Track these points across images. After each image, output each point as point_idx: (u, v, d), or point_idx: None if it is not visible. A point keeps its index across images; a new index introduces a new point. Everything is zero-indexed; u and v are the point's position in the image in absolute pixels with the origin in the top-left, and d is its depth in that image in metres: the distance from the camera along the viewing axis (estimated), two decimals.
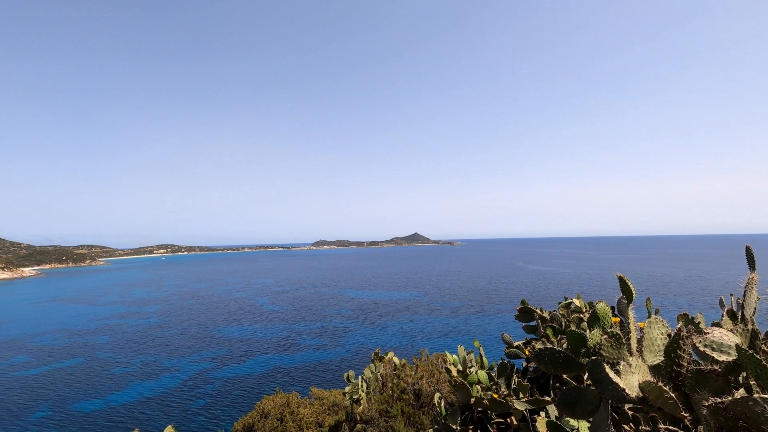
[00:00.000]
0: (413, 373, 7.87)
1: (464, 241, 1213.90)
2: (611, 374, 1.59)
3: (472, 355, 4.92)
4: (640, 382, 1.68)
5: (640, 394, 1.66)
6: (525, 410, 3.56)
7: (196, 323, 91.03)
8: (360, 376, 8.15)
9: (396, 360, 9.11)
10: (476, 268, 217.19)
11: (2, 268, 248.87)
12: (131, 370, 58.74)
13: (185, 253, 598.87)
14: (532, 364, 4.38)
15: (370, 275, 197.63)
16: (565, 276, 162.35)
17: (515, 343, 4.53)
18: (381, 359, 9.06)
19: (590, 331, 2.00)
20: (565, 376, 3.10)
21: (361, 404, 7.56)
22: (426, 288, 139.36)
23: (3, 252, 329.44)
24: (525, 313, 4.57)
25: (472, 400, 3.90)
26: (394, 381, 7.71)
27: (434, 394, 5.91)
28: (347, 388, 8.17)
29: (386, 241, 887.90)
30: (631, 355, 1.79)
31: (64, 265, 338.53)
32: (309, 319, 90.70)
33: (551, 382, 4.05)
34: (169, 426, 7.90)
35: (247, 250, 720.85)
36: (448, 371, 4.39)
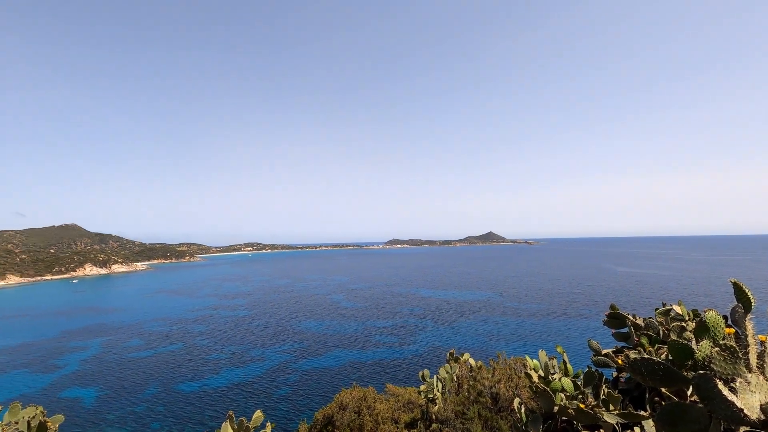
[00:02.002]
0: (490, 375, 7.66)
1: (543, 241, 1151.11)
2: (725, 392, 1.43)
3: (554, 361, 4.66)
4: (762, 402, 1.49)
5: (762, 417, 1.46)
6: (616, 424, 3.30)
7: (278, 317, 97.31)
8: (435, 376, 8.12)
9: (472, 361, 8.93)
10: (557, 269, 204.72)
11: (121, 263, 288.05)
12: (223, 357, 64.52)
13: (269, 250, 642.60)
14: (625, 375, 4.03)
15: (442, 274, 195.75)
16: (660, 280, 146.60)
17: (604, 351, 4.20)
18: (456, 360, 8.94)
19: (697, 342, 1.80)
20: (664, 390, 2.83)
21: (436, 404, 7.53)
22: (501, 289, 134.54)
23: (122, 249, 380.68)
24: (615, 319, 4.22)
25: (556, 408, 3.70)
26: (470, 383, 7.56)
27: (513, 399, 5.70)
28: (422, 387, 8.19)
29: (459, 240, 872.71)
30: (749, 372, 1.57)
31: (168, 261, 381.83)
32: (382, 317, 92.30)
33: (647, 395, 3.70)
34: (258, 411, 8.55)
35: (324, 248, 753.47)
36: (529, 376, 4.21)
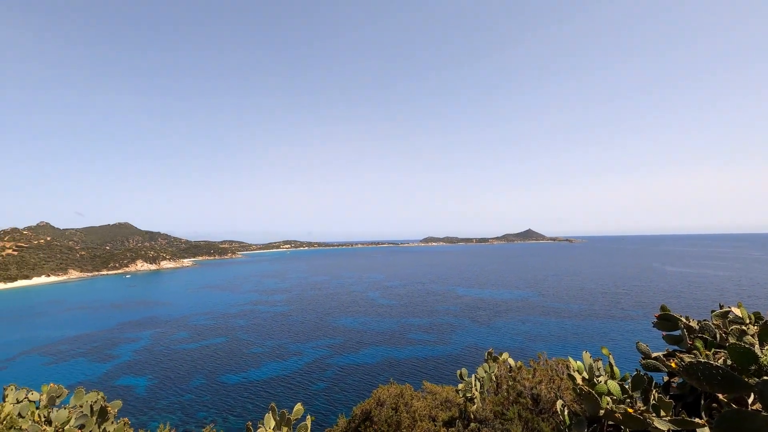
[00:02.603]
0: (530, 376, 7.47)
1: (586, 238, 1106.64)
2: None
3: (599, 363, 4.49)
4: None
5: None
6: (668, 431, 3.15)
7: (316, 313, 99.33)
8: (473, 375, 8.03)
9: (511, 361, 8.75)
10: (600, 268, 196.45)
11: (169, 259, 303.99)
12: (263, 351, 66.67)
13: (306, 248, 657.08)
14: (677, 380, 3.83)
15: (479, 273, 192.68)
16: (716, 280, 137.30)
17: (654, 354, 4.01)
18: (495, 359, 8.79)
19: (761, 346, 1.69)
20: (722, 396, 2.67)
21: (475, 403, 7.45)
22: (540, 288, 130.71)
23: (169, 246, 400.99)
24: (666, 321, 4.01)
25: (602, 412, 3.57)
26: (510, 383, 7.42)
27: (556, 401, 5.55)
28: (460, 386, 8.13)
29: (497, 238, 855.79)
30: None
31: (212, 258, 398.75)
32: (417, 315, 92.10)
33: (702, 402, 3.49)
34: (299, 404, 8.80)
35: (359, 246, 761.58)
36: (572, 378, 4.08)
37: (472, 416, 7.19)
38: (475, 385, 7.74)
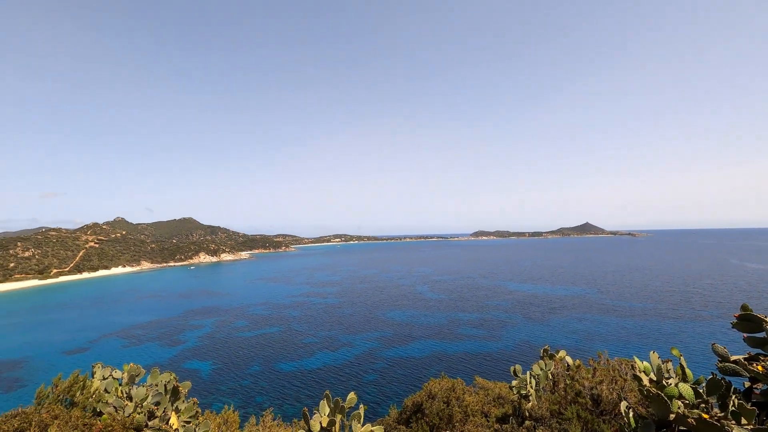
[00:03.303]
0: (590, 376, 7.12)
1: (650, 232, 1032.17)
2: None
3: (669, 365, 4.21)
4: None
5: None
6: None
7: (365, 305, 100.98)
8: (528, 372, 7.81)
9: (569, 359, 8.39)
10: (667, 265, 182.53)
11: (228, 252, 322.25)
12: (316, 341, 68.92)
13: (355, 242, 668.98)
14: (761, 386, 3.50)
15: (532, 268, 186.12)
16: None
17: (733, 358, 3.68)
18: (551, 357, 8.48)
19: None
20: None
21: (530, 400, 7.25)
22: (599, 285, 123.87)
23: (229, 239, 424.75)
24: (747, 322, 3.66)
25: (672, 416, 3.35)
26: (567, 382, 7.12)
27: (619, 403, 5.27)
28: (514, 383, 7.94)
29: (551, 232, 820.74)
30: None
31: (267, 251, 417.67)
32: (467, 310, 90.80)
33: None
34: (352, 393, 9.04)
35: (408, 240, 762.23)
36: (638, 379, 3.86)
37: (526, 414, 7.00)
38: (530, 383, 7.53)
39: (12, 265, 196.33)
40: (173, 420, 7.59)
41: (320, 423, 8.05)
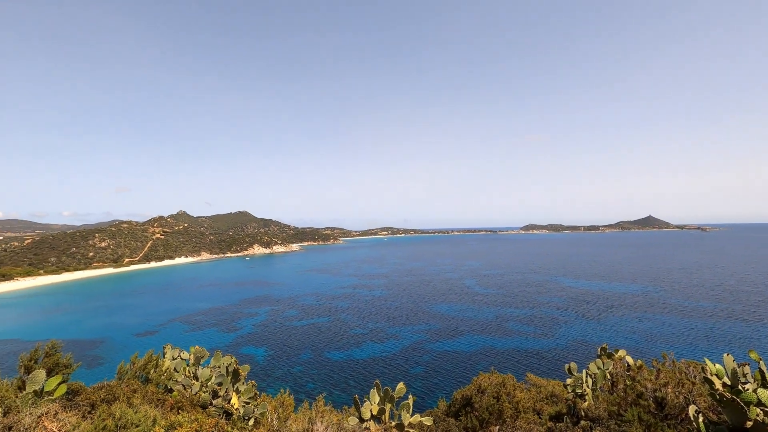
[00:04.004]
0: (653, 377, 6.71)
1: (724, 226, 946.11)
2: None
3: (746, 369, 3.89)
4: None
5: None
6: None
7: (412, 298, 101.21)
8: (584, 371, 7.50)
9: (629, 359, 7.95)
10: (742, 262, 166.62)
11: (280, 244, 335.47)
12: (364, 332, 70.18)
13: (402, 235, 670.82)
14: None
15: (587, 263, 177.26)
16: None
17: None
18: (610, 356, 8.08)
19: None
20: None
21: (586, 400, 6.97)
22: (663, 282, 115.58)
23: (280, 232, 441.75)
24: None
25: (749, 423, 3.11)
26: (628, 382, 6.75)
27: (687, 407, 4.94)
28: (569, 381, 7.66)
29: (609, 226, 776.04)
30: None
31: (316, 243, 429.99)
32: (517, 305, 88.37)
33: None
34: (401, 383, 9.17)
35: (455, 233, 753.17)
36: (710, 383, 3.61)
37: (582, 413, 6.74)
38: (587, 382, 7.23)
39: (91, 254, 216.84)
40: (234, 400, 8.12)
41: (370, 411, 8.26)
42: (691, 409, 3.68)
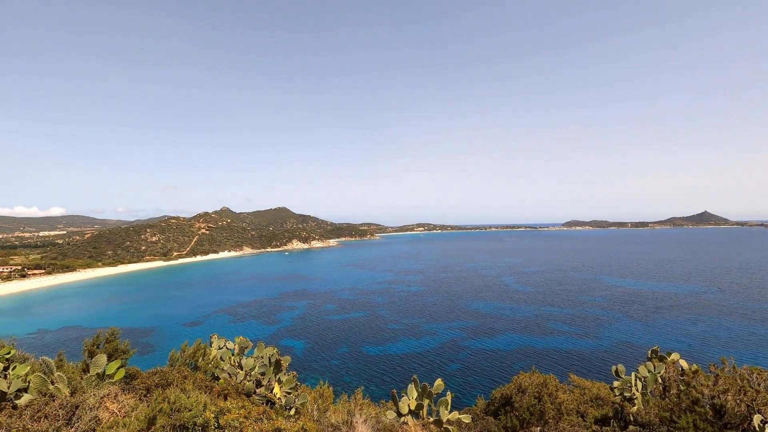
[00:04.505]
0: (710, 383, 6.28)
1: None
2: None
3: None
4: None
5: None
6: None
7: (448, 295, 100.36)
8: (633, 373, 7.14)
9: (683, 363, 7.48)
10: None
11: (318, 239, 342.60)
12: (400, 328, 70.40)
13: (438, 230, 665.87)
14: None
15: (634, 261, 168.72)
16: None
17: None
18: (661, 359, 7.65)
19: None
20: None
21: (635, 404, 6.65)
22: (721, 283, 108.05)
23: (318, 227, 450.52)
24: None
25: None
26: (682, 387, 6.36)
27: (751, 416, 4.60)
28: (616, 383, 7.33)
29: (659, 222, 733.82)
30: None
31: (353, 238, 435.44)
32: (558, 304, 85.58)
33: None
34: (439, 379, 9.13)
35: (493, 229, 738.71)
36: None
37: (630, 418, 6.43)
38: (636, 385, 6.89)
39: (143, 248, 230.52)
40: (276, 389, 8.39)
41: (408, 406, 8.29)
42: (756, 419, 3.43)
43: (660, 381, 7.11)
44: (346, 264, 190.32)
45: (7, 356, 6.38)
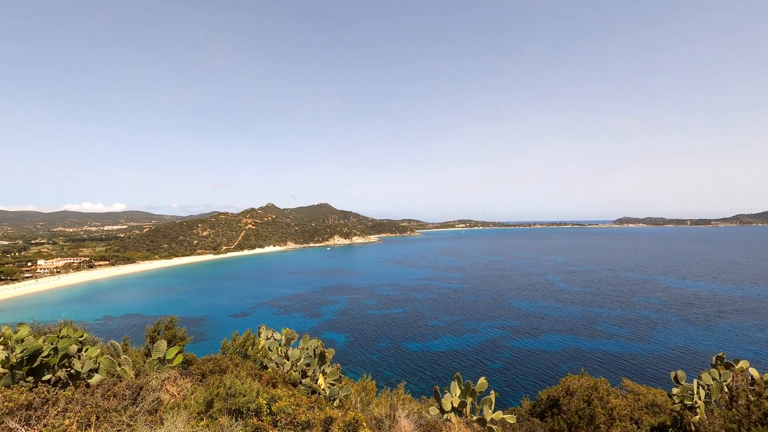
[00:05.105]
0: None
1: None
2: None
3: None
4: None
5: None
6: None
7: (490, 293, 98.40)
8: (695, 381, 6.67)
9: (754, 372, 6.89)
10: None
11: (359, 235, 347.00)
12: (440, 325, 69.95)
13: (480, 227, 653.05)
14: None
15: (694, 261, 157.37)
16: None
17: None
18: (728, 366, 7.09)
19: None
20: None
21: (697, 413, 6.22)
22: None
23: (359, 223, 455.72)
24: None
25: None
26: (752, 398, 5.87)
27: None
28: (675, 390, 6.88)
29: (723, 220, 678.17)
30: None
31: (393, 234, 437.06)
32: (607, 305, 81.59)
33: None
34: (483, 378, 8.99)
35: (538, 226, 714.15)
36: None
37: (692, 428, 6.02)
38: (698, 393, 6.44)
39: (195, 242, 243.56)
40: (321, 381, 8.61)
41: (451, 403, 8.24)
42: None
43: (726, 390, 6.61)
44: (387, 260, 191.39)
45: (81, 339, 6.96)
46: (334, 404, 7.97)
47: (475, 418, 7.81)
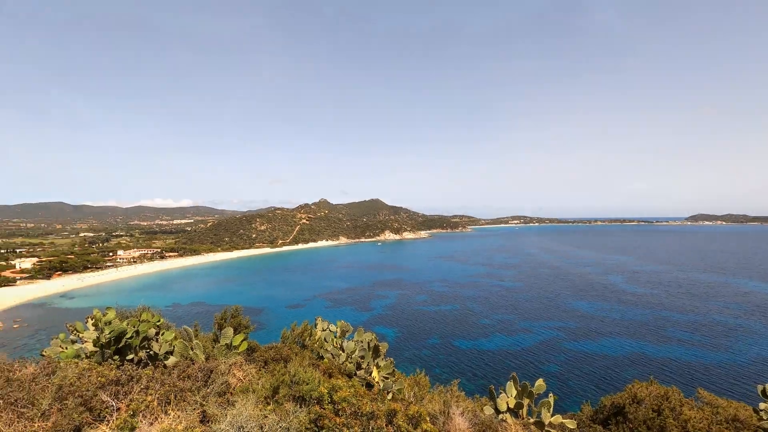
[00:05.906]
0: None
1: None
2: None
3: None
4: None
5: None
6: None
7: (545, 292, 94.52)
8: None
9: None
10: None
11: (409, 231, 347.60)
12: (492, 323, 68.39)
13: (536, 224, 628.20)
14: None
15: None
16: None
17: None
18: None
19: None
20: None
21: None
22: None
23: (410, 219, 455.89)
24: None
25: None
26: None
27: None
28: (762, 406, 6.23)
29: None
30: None
31: (444, 230, 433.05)
32: (678, 308, 75.45)
33: None
34: (541, 379, 8.70)
35: (599, 223, 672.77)
36: None
37: None
38: None
39: (254, 236, 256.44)
40: (375, 373, 8.77)
41: (507, 403, 8.05)
42: None
43: None
44: (437, 256, 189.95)
45: (158, 324, 7.61)
46: (388, 397, 8.09)
47: (532, 420, 7.59)
